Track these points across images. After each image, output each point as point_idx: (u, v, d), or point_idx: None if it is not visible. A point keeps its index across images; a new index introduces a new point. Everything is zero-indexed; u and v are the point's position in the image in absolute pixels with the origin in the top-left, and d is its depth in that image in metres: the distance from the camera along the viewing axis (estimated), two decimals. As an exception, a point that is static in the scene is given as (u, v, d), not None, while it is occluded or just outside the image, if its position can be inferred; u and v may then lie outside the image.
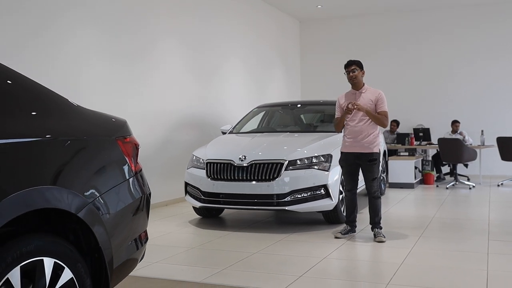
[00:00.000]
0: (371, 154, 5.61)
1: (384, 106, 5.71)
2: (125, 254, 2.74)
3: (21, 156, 2.14)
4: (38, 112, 2.36)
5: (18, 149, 2.13)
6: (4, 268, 2.00)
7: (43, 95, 2.46)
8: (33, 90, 2.40)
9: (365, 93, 5.72)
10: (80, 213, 2.34)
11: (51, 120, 2.41)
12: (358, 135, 5.61)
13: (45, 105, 2.43)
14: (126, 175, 2.76)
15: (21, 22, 5.86)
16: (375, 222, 5.74)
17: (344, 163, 5.80)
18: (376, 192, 5.72)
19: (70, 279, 2.31)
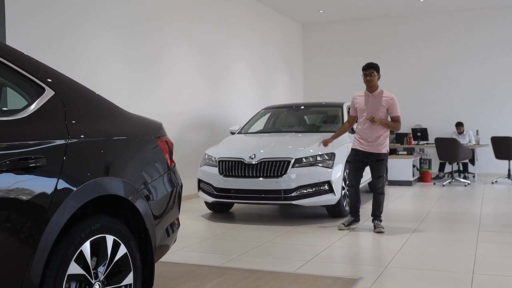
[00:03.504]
0: (379, 155, 6.00)
1: (397, 111, 6.03)
2: (164, 236, 3.25)
3: (89, 152, 2.65)
4: (97, 117, 2.86)
5: (87, 146, 2.64)
6: (79, 242, 2.50)
7: (99, 102, 2.96)
8: (92, 98, 2.90)
9: (378, 96, 6.02)
10: (132, 199, 2.85)
11: (106, 123, 2.91)
12: (369, 136, 5.97)
13: (101, 111, 2.93)
14: (164, 169, 3.27)
15: (46, 26, 6.33)
16: (376, 215, 6.15)
17: (352, 159, 6.22)
18: (381, 188, 6.13)
19: (124, 254, 2.81)
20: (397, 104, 6.01)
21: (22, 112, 2.39)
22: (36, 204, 2.26)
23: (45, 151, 2.36)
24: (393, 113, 6.04)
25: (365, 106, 6.06)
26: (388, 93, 6.08)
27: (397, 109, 6.02)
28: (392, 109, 6.01)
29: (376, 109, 5.97)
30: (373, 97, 6.04)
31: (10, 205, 2.17)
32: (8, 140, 2.23)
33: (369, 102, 6.04)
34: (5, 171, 2.16)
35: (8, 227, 2.15)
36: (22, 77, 2.49)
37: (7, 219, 2.15)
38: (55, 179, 2.36)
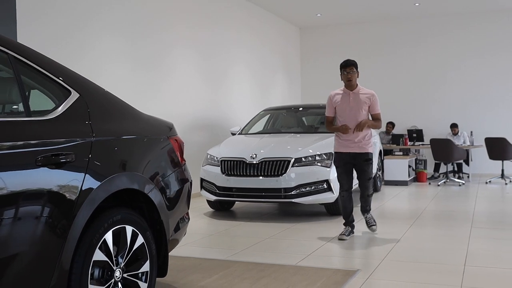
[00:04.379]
0: (366, 154, 5.69)
1: (378, 107, 5.79)
2: (176, 228, 3.49)
3: (111, 149, 2.89)
4: (116, 117, 3.10)
5: (109, 144, 2.88)
6: (103, 231, 2.74)
7: (117, 103, 3.20)
8: (111, 100, 3.14)
9: (359, 94, 5.72)
10: (148, 193, 3.09)
11: (124, 123, 3.15)
12: (354, 136, 5.65)
13: (119, 112, 3.17)
14: (176, 166, 3.51)
15: (52, 27, 6.54)
16: (366, 209, 5.99)
17: (340, 163, 5.78)
18: (370, 191, 5.88)
19: (141, 243, 3.05)
20: (378, 100, 5.80)
21: (52, 113, 2.63)
22: (67, 196, 2.50)
23: (74, 148, 2.60)
24: (375, 110, 5.79)
25: (346, 105, 5.72)
26: (367, 90, 5.83)
27: (378, 106, 5.80)
28: (374, 106, 5.76)
29: (359, 107, 5.67)
30: (354, 95, 5.73)
31: (45, 197, 2.40)
32: (42, 138, 2.47)
33: (350, 100, 5.71)
34: (41, 166, 2.39)
35: (44, 217, 2.39)
36: (51, 80, 2.72)
37: (43, 209, 2.39)
38: (83, 173, 2.60)
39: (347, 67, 5.72)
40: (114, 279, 2.82)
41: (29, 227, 2.32)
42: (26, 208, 2.31)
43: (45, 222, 2.39)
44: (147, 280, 3.07)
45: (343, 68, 5.74)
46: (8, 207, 2.22)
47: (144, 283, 3.05)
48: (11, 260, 2.25)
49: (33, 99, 2.79)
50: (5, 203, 2.21)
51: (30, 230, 2.32)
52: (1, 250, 2.20)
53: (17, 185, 2.27)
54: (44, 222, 2.38)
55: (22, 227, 2.29)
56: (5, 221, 2.21)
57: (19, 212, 2.27)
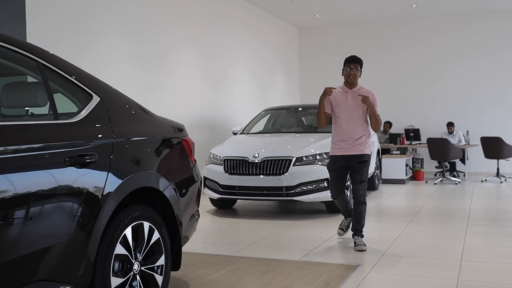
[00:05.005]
0: (362, 156, 5.28)
1: (377, 108, 5.39)
2: (188, 224, 3.67)
3: (130, 150, 3.08)
4: (133, 120, 3.28)
5: (128, 145, 3.07)
6: (123, 226, 2.92)
7: (133, 106, 3.38)
8: (128, 103, 3.32)
9: (358, 93, 5.33)
10: (164, 190, 3.27)
11: (141, 125, 3.33)
12: (351, 137, 5.28)
13: (136, 114, 3.35)
14: (188, 165, 3.70)
15: (58, 25, 6.70)
16: (357, 229, 5.35)
17: (333, 167, 5.45)
18: (363, 196, 5.31)
19: (157, 238, 3.23)
20: (378, 101, 5.39)
21: (77, 116, 2.81)
22: (93, 194, 2.69)
23: (97, 149, 2.78)
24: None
25: (343, 104, 5.32)
26: (367, 89, 5.42)
27: (378, 108, 5.37)
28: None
29: (357, 107, 5.29)
30: (353, 93, 5.33)
31: (74, 194, 2.59)
32: (69, 140, 2.65)
33: (348, 99, 5.32)
34: (68, 165, 2.58)
35: (73, 213, 2.57)
36: (74, 85, 2.91)
37: (72, 206, 2.57)
38: (106, 172, 2.79)
39: (352, 63, 5.34)
40: (133, 271, 3.00)
41: (60, 222, 2.50)
42: (57, 204, 2.50)
43: (74, 218, 2.57)
44: (162, 273, 3.26)
45: (347, 63, 5.35)
46: (42, 204, 2.41)
47: (160, 275, 3.23)
48: (46, 252, 2.43)
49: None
50: (40, 200, 2.40)
51: (61, 225, 2.50)
52: (38, 243, 2.38)
53: (50, 184, 2.46)
54: (73, 217, 2.57)
55: (54, 222, 2.47)
56: (39, 216, 2.40)
57: (51, 208, 2.46)
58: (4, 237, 2.24)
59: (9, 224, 2.26)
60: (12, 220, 2.28)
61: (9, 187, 2.25)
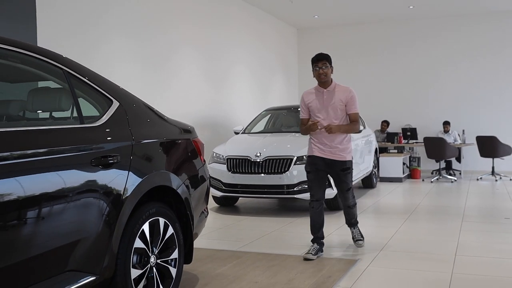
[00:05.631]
0: (344, 163, 4.99)
1: (355, 107, 5.00)
2: (197, 221, 3.91)
3: (147, 151, 3.31)
4: (149, 122, 3.51)
5: (145, 147, 3.30)
6: (141, 222, 3.15)
7: (148, 110, 3.60)
8: (144, 107, 3.55)
9: (334, 91, 4.99)
10: (177, 189, 3.50)
11: (156, 128, 3.56)
12: (329, 140, 4.97)
13: (151, 117, 3.58)
14: (199, 165, 3.93)
15: (67, 27, 6.92)
16: (351, 223, 5.39)
17: (312, 168, 5.07)
18: (352, 202, 5.22)
19: (171, 234, 3.46)
20: (356, 98, 5.01)
21: (100, 120, 3.04)
22: (116, 192, 2.92)
23: (118, 150, 3.01)
24: (352, 109, 4.98)
25: (320, 105, 5.00)
26: (344, 86, 5.07)
27: (356, 105, 5.00)
28: (351, 105, 4.97)
29: (334, 106, 4.95)
30: (328, 92, 4.98)
31: (100, 192, 2.82)
32: (94, 142, 2.88)
33: (324, 99, 4.98)
34: (94, 166, 2.81)
35: (99, 209, 2.80)
36: (96, 91, 3.13)
37: (99, 202, 2.80)
38: (126, 172, 3.02)
39: (319, 61, 4.96)
40: (150, 264, 3.23)
41: (87, 217, 2.73)
42: (85, 202, 2.73)
43: (100, 214, 2.80)
44: (176, 265, 3.49)
45: (314, 63, 4.99)
46: (72, 201, 2.64)
47: (174, 268, 3.47)
48: (76, 245, 2.66)
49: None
50: (70, 197, 2.62)
51: (89, 220, 2.73)
52: (69, 236, 2.61)
53: (79, 183, 2.69)
54: (99, 213, 2.80)
55: (83, 218, 2.70)
56: (70, 212, 2.62)
57: (80, 205, 2.69)
58: (40, 231, 2.46)
59: (44, 219, 2.49)
60: (47, 215, 2.50)
61: (44, 185, 2.48)
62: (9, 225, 2.31)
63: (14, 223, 2.33)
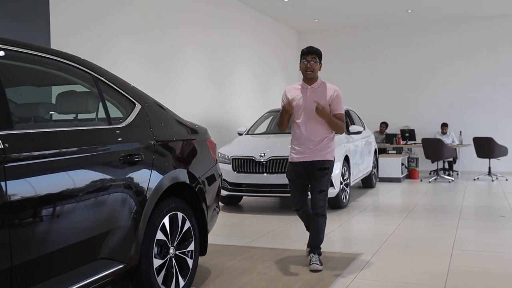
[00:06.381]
0: (323, 162, 4.59)
1: (341, 107, 4.64)
2: (210, 217, 4.17)
3: (167, 150, 3.57)
4: (167, 124, 3.77)
5: (165, 146, 3.56)
6: (162, 216, 3.41)
7: (166, 112, 3.86)
8: (162, 109, 3.81)
9: (319, 89, 4.67)
10: (194, 186, 3.76)
11: (173, 128, 3.82)
12: (311, 141, 4.59)
13: (169, 119, 3.84)
14: (212, 164, 4.19)
15: (77, 29, 7.17)
16: (314, 245, 4.69)
17: (292, 175, 4.75)
18: (322, 208, 4.64)
19: (188, 227, 3.72)
20: (341, 98, 4.67)
21: (125, 121, 3.30)
22: (141, 187, 3.18)
23: (142, 149, 3.27)
24: (337, 109, 4.61)
25: (302, 102, 4.65)
26: (330, 85, 4.74)
27: (341, 105, 4.66)
28: (335, 105, 4.61)
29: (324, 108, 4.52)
30: (313, 90, 4.66)
31: (127, 188, 3.08)
32: (122, 142, 3.14)
33: (307, 97, 4.63)
34: (122, 163, 3.06)
35: (127, 203, 3.06)
36: (121, 95, 3.39)
37: (126, 197, 3.06)
38: (150, 170, 3.28)
39: (308, 54, 4.65)
40: (169, 255, 3.49)
41: (116, 210, 2.99)
42: (115, 196, 2.98)
43: (127, 207, 3.06)
44: (193, 257, 3.75)
45: (304, 55, 4.67)
46: (104, 195, 2.90)
47: (190, 259, 3.73)
48: (106, 235, 2.92)
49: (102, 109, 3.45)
50: (102, 191, 2.88)
51: (117, 213, 2.99)
52: (100, 227, 2.87)
53: (109, 179, 2.95)
54: (127, 207, 3.06)
55: (112, 210, 2.96)
56: (102, 205, 2.88)
57: (111, 199, 2.95)
58: (77, 222, 2.72)
59: (81, 211, 2.74)
60: (83, 207, 2.76)
61: (81, 180, 2.74)
62: (52, 216, 2.57)
63: (56, 214, 2.59)
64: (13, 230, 2.31)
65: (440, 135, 13.22)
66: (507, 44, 13.71)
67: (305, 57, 4.65)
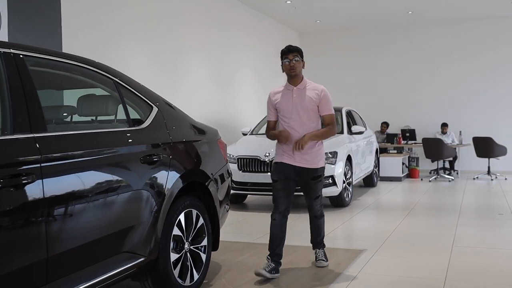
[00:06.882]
0: (316, 171, 4.43)
1: (329, 107, 4.41)
2: (222, 213, 4.37)
3: (182, 150, 3.77)
4: (182, 125, 3.96)
5: (181, 147, 3.76)
6: (178, 212, 3.61)
7: (180, 114, 4.06)
8: (176, 111, 4.01)
9: (304, 90, 4.43)
10: (207, 184, 3.96)
11: (187, 130, 4.02)
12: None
13: (183, 121, 4.04)
14: (223, 163, 4.38)
15: (82, 26, 7.39)
16: (317, 242, 4.74)
17: (279, 176, 4.44)
18: (319, 211, 4.68)
19: (202, 224, 3.92)
20: (330, 98, 4.43)
21: (144, 123, 3.50)
22: (160, 186, 3.38)
23: (160, 150, 3.48)
24: (325, 110, 4.39)
25: (288, 105, 4.41)
26: (316, 85, 4.51)
27: (330, 106, 4.41)
28: (324, 105, 4.38)
29: (305, 107, 4.37)
30: (299, 91, 4.42)
31: (148, 186, 3.28)
32: (142, 143, 3.34)
33: (293, 98, 4.40)
34: (142, 163, 3.27)
35: (147, 201, 3.26)
36: (139, 98, 3.59)
37: (146, 195, 3.26)
38: (167, 169, 3.48)
39: (289, 53, 4.43)
40: (184, 249, 3.69)
41: (138, 207, 3.19)
42: (136, 193, 3.19)
43: (148, 204, 3.26)
44: (206, 252, 3.95)
45: (284, 55, 4.47)
46: (126, 192, 3.10)
47: (204, 254, 3.93)
48: (129, 230, 3.12)
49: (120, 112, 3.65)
50: (124, 189, 3.08)
51: (139, 210, 3.20)
52: (124, 222, 3.07)
53: (131, 177, 3.16)
54: (147, 204, 3.26)
55: (134, 207, 3.17)
56: (125, 202, 3.09)
57: (133, 196, 3.15)
58: (103, 218, 2.93)
59: (107, 207, 2.95)
60: (109, 204, 2.97)
61: (105, 178, 2.95)
62: (82, 212, 2.77)
63: (85, 210, 2.79)
64: (48, 225, 2.51)
65: (440, 135, 13.42)
66: (506, 44, 13.91)
67: (287, 57, 4.44)
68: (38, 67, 2.85)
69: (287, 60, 4.44)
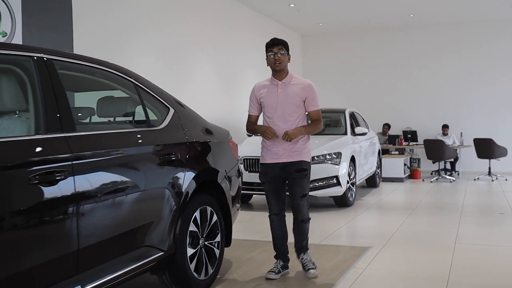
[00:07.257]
0: (300, 163, 4.29)
1: (316, 103, 4.31)
2: (233, 211, 4.53)
3: (197, 150, 3.94)
4: (196, 126, 4.13)
5: (196, 146, 3.92)
6: (194, 209, 3.77)
7: (194, 115, 4.23)
8: (191, 113, 4.17)
9: (290, 85, 4.31)
10: (221, 183, 4.12)
11: (201, 130, 4.18)
12: (284, 142, 4.23)
13: (197, 122, 4.20)
14: (234, 163, 4.55)
15: (97, 31, 7.56)
16: (302, 246, 4.50)
17: (267, 177, 4.38)
18: (305, 214, 4.44)
19: (215, 220, 4.08)
20: (316, 93, 4.33)
21: (161, 124, 3.66)
22: (178, 184, 3.55)
23: (178, 149, 3.64)
24: (312, 106, 4.31)
25: (273, 100, 4.30)
26: (302, 79, 4.40)
27: (317, 101, 4.32)
28: (310, 101, 4.29)
29: (290, 102, 4.25)
30: (284, 85, 4.30)
31: (167, 184, 3.45)
32: (161, 142, 3.51)
33: (278, 93, 4.27)
34: (162, 161, 3.43)
35: (166, 198, 3.43)
36: (157, 100, 3.76)
37: (166, 192, 3.43)
38: (184, 167, 3.64)
39: (274, 46, 4.35)
40: (200, 245, 3.85)
41: (158, 203, 3.36)
42: (157, 191, 3.36)
43: (166, 201, 3.43)
44: (219, 247, 4.12)
45: (269, 48, 4.38)
46: (149, 189, 3.27)
47: (217, 249, 4.09)
48: (150, 225, 3.29)
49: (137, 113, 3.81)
50: (147, 186, 3.25)
51: (158, 206, 3.36)
52: (145, 218, 3.24)
53: (153, 175, 3.33)
54: (166, 201, 3.42)
55: (155, 204, 3.34)
56: (146, 199, 3.25)
57: (154, 193, 3.32)
58: (128, 213, 3.09)
59: (130, 203, 3.11)
60: (132, 200, 3.13)
61: (131, 176, 3.12)
62: (110, 207, 2.94)
63: (112, 206, 2.96)
64: (79, 219, 2.67)
65: (441, 136, 13.59)
66: (507, 47, 14.07)
67: (271, 50, 4.34)
68: (65, 70, 3.01)
69: (271, 53, 4.33)
